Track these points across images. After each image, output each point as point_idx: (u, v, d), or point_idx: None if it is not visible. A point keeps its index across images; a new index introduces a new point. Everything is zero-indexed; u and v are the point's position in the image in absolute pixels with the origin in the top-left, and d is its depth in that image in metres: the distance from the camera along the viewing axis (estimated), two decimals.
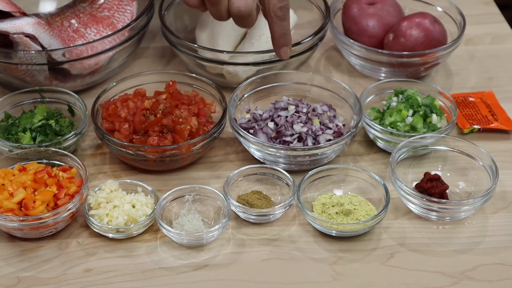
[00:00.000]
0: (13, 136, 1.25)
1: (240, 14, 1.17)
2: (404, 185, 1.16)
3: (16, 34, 1.28)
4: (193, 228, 1.14)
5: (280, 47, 1.23)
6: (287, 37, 1.22)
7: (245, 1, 1.16)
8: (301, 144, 1.24)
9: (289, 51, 1.24)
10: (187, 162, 1.25)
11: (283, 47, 1.23)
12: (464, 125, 1.33)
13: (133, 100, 1.26)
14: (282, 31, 1.21)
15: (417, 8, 1.47)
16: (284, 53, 1.24)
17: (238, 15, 1.17)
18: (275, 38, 1.22)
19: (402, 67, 1.38)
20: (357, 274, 1.11)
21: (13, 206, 1.12)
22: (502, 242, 1.15)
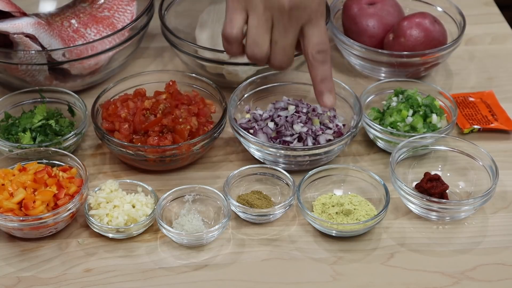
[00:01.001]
0: (13, 136, 1.25)
1: (281, 69, 1.19)
2: (404, 185, 1.16)
3: (16, 34, 1.28)
4: (193, 228, 1.14)
5: (322, 94, 1.18)
6: (328, 83, 1.17)
7: (286, 61, 1.16)
8: (301, 144, 1.24)
9: (332, 98, 1.18)
10: (187, 162, 1.25)
11: (325, 93, 1.18)
12: (464, 125, 1.33)
13: (133, 100, 1.26)
14: (323, 75, 1.17)
15: (417, 8, 1.47)
16: (327, 99, 1.17)
17: (279, 69, 1.19)
18: (315, 83, 1.18)
19: (402, 67, 1.38)
20: (357, 274, 1.11)
21: (13, 206, 1.12)
22: (502, 242, 1.15)
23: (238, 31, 1.15)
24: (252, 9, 1.14)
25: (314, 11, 1.15)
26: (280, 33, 1.15)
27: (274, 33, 1.15)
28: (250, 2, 1.14)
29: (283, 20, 1.14)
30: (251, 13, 1.14)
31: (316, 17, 1.15)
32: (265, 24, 1.14)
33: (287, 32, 1.15)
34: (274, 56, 1.17)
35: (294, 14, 1.13)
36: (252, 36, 1.15)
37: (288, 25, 1.14)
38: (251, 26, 1.15)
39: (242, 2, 1.14)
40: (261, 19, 1.14)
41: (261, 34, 1.15)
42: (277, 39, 1.15)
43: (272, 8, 1.13)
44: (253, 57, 1.17)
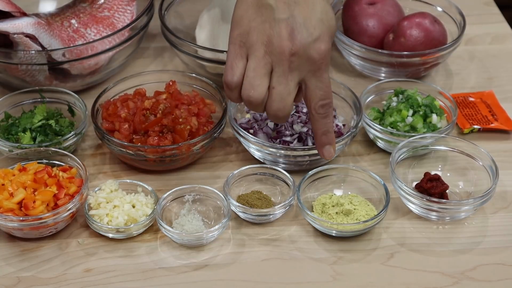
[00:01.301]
0: (13, 136, 1.25)
1: (277, 118, 1.13)
2: (404, 185, 1.16)
3: (16, 34, 1.28)
4: (193, 228, 1.14)
5: (322, 146, 1.16)
6: (329, 135, 1.16)
7: (282, 109, 1.12)
8: (301, 144, 1.24)
9: (333, 151, 1.17)
10: (187, 162, 1.25)
11: (326, 146, 1.16)
12: (464, 125, 1.33)
13: (133, 100, 1.26)
14: (324, 128, 1.15)
15: (417, 8, 1.47)
16: (328, 152, 1.17)
17: (275, 118, 1.13)
18: (317, 136, 1.16)
19: (402, 67, 1.38)
20: (357, 274, 1.11)
21: (13, 206, 1.12)
22: (502, 242, 1.15)
23: (239, 78, 1.11)
24: (252, 52, 1.10)
25: (317, 62, 1.10)
26: (279, 79, 1.10)
27: (273, 78, 1.10)
28: (252, 46, 1.10)
29: (283, 66, 1.09)
30: (250, 57, 1.10)
31: (320, 69, 1.10)
32: (263, 68, 1.10)
33: (286, 79, 1.10)
34: (271, 102, 1.11)
35: (294, 61, 1.09)
36: (249, 78, 1.10)
37: (287, 71, 1.09)
38: (249, 68, 1.10)
39: (243, 47, 1.11)
40: (260, 62, 1.09)
41: (258, 77, 1.10)
42: (275, 85, 1.10)
43: (273, 53, 1.09)
44: (248, 100, 1.11)
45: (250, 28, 1.10)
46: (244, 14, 1.11)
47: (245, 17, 1.11)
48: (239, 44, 1.11)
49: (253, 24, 1.10)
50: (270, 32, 1.09)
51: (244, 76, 1.11)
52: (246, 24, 1.10)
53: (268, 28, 1.09)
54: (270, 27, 1.09)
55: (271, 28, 1.09)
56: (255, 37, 1.10)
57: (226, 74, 1.12)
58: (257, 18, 1.10)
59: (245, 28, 1.10)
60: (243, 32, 1.10)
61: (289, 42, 1.08)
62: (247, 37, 1.10)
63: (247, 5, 1.11)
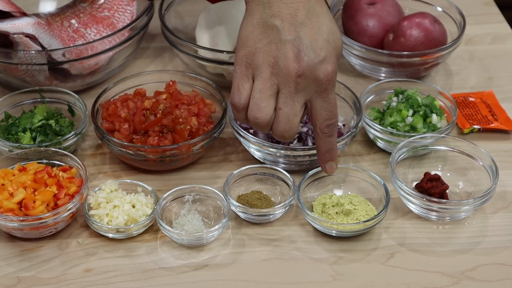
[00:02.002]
0: (13, 136, 1.25)
1: (284, 139, 1.14)
2: (404, 185, 1.16)
3: (16, 34, 1.28)
4: (193, 228, 1.14)
5: (325, 162, 1.17)
6: (333, 152, 1.16)
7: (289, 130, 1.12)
8: (301, 144, 1.24)
9: (335, 166, 1.18)
10: (187, 162, 1.25)
11: (329, 162, 1.17)
12: (464, 125, 1.33)
13: (133, 100, 1.26)
14: (328, 146, 1.16)
15: (417, 8, 1.47)
16: (330, 168, 1.18)
17: (282, 138, 1.14)
18: (320, 152, 1.17)
19: (402, 67, 1.38)
20: (357, 274, 1.11)
21: (13, 206, 1.12)
22: (502, 242, 1.15)
23: (246, 99, 1.11)
24: (258, 74, 1.09)
25: (324, 83, 1.10)
26: (285, 100, 1.10)
27: (280, 99, 1.10)
28: (258, 68, 1.09)
29: (289, 88, 1.09)
30: (256, 78, 1.10)
31: (326, 90, 1.10)
32: (269, 89, 1.09)
33: (292, 100, 1.10)
34: (277, 123, 1.11)
35: (301, 83, 1.09)
36: (255, 100, 1.10)
37: (294, 93, 1.09)
38: (255, 90, 1.10)
39: (249, 68, 1.10)
40: (266, 84, 1.09)
41: (264, 99, 1.10)
42: (282, 106, 1.10)
43: (279, 75, 1.08)
44: (254, 121, 1.11)
45: (256, 49, 1.10)
46: (249, 35, 1.10)
47: (250, 38, 1.10)
48: (245, 65, 1.10)
49: (259, 45, 1.09)
50: (276, 53, 1.09)
51: (251, 97, 1.11)
52: (252, 45, 1.10)
53: (274, 49, 1.09)
54: (276, 48, 1.09)
55: (277, 50, 1.09)
56: (261, 58, 1.09)
57: (233, 96, 1.12)
58: (263, 39, 1.09)
59: (250, 49, 1.10)
60: (249, 53, 1.10)
61: (295, 63, 1.08)
62: (253, 58, 1.10)
63: (252, 26, 1.10)
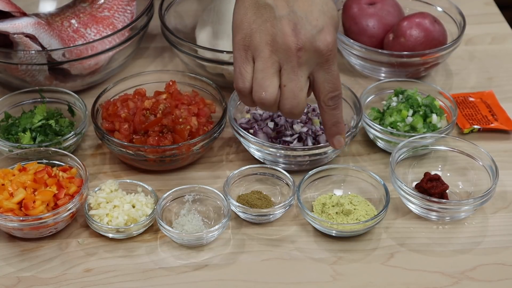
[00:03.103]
0: (13, 136, 1.25)
1: (292, 115, 1.12)
2: (404, 185, 1.16)
3: (16, 34, 1.28)
4: (193, 228, 1.14)
5: (332, 136, 1.15)
6: (339, 126, 1.15)
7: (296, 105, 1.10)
8: (301, 144, 1.24)
9: (343, 140, 1.16)
10: (187, 162, 1.25)
11: (336, 136, 1.15)
12: (464, 125, 1.33)
13: (133, 100, 1.26)
14: (334, 120, 1.14)
15: (417, 8, 1.47)
16: (338, 142, 1.16)
17: (290, 115, 1.12)
18: (326, 127, 1.15)
19: (402, 67, 1.38)
20: (357, 274, 1.11)
21: (13, 206, 1.12)
22: (502, 242, 1.15)
23: (250, 82, 1.10)
24: (258, 54, 1.08)
25: (325, 53, 1.08)
26: (289, 76, 1.08)
27: (283, 76, 1.08)
28: (257, 49, 1.08)
29: (291, 62, 1.07)
30: (257, 59, 1.08)
31: (328, 61, 1.09)
32: (271, 67, 1.08)
33: (296, 75, 1.08)
34: (284, 100, 1.10)
35: (302, 56, 1.07)
36: (258, 80, 1.09)
37: (296, 67, 1.08)
38: (257, 70, 1.08)
39: (248, 50, 1.09)
40: (267, 62, 1.08)
41: (267, 78, 1.08)
42: (286, 82, 1.08)
43: (278, 51, 1.07)
44: (260, 102, 1.10)
45: (252, 30, 1.09)
46: (243, 17, 1.10)
47: (245, 21, 1.09)
48: (244, 49, 1.09)
49: (254, 26, 1.09)
50: (273, 31, 1.08)
51: (253, 79, 1.10)
52: (247, 27, 1.09)
53: (270, 27, 1.08)
54: (272, 26, 1.08)
55: (273, 27, 1.08)
56: (258, 38, 1.08)
57: (237, 81, 1.11)
58: (257, 20, 1.09)
59: (246, 31, 1.09)
60: (245, 36, 1.09)
61: (293, 37, 1.07)
62: (250, 39, 1.09)
63: (245, 9, 1.10)
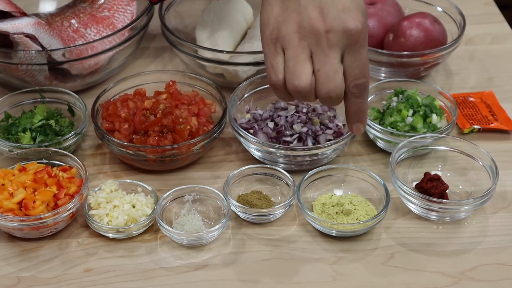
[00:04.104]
0: (13, 136, 1.25)
1: (331, 100, 1.09)
2: (404, 185, 1.16)
3: (16, 34, 1.28)
4: (193, 228, 1.14)
5: (353, 123, 1.13)
6: (361, 114, 1.12)
7: (333, 89, 1.07)
8: (301, 144, 1.24)
9: (362, 128, 1.14)
10: (187, 162, 1.25)
11: (356, 123, 1.13)
12: (464, 125, 1.33)
13: (133, 100, 1.26)
14: (357, 107, 1.11)
15: (417, 8, 1.47)
16: (357, 129, 1.14)
17: (329, 100, 1.09)
18: (349, 113, 1.12)
19: (402, 67, 1.38)
20: (357, 274, 1.11)
21: (13, 206, 1.12)
22: (502, 242, 1.15)
23: (283, 74, 1.08)
24: (287, 44, 1.06)
25: (354, 34, 1.05)
26: (321, 60, 1.05)
27: (315, 61, 1.06)
28: (285, 39, 1.06)
29: (322, 45, 1.05)
30: (286, 48, 1.06)
31: (357, 43, 1.05)
32: (302, 54, 1.05)
33: (328, 58, 1.05)
34: (320, 85, 1.06)
35: (331, 38, 1.04)
36: (290, 68, 1.06)
37: (328, 50, 1.05)
38: (288, 59, 1.06)
39: (276, 42, 1.07)
40: (297, 49, 1.05)
41: (299, 65, 1.06)
42: (319, 66, 1.05)
43: (307, 36, 1.05)
44: (295, 91, 1.07)
45: (278, 23, 1.07)
46: (269, 14, 1.08)
47: (271, 16, 1.08)
48: (272, 42, 1.08)
49: (280, 18, 1.07)
50: (299, 19, 1.06)
51: (285, 68, 1.08)
52: (274, 22, 1.08)
53: (296, 15, 1.06)
54: (298, 14, 1.06)
55: (300, 15, 1.05)
56: (285, 29, 1.06)
57: (270, 76, 1.09)
58: (283, 13, 1.07)
59: (273, 26, 1.08)
60: (273, 30, 1.08)
61: (321, 20, 1.04)
62: (278, 32, 1.07)
63: (270, 5, 1.09)
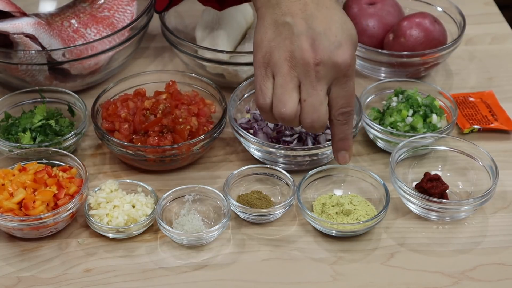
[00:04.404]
0: (13, 136, 1.25)
1: (314, 129, 1.13)
2: (404, 185, 1.16)
3: (16, 34, 1.28)
4: (193, 228, 1.14)
5: (338, 151, 1.17)
6: (346, 142, 1.16)
7: (317, 119, 1.11)
8: (301, 144, 1.24)
9: (347, 157, 1.17)
10: (187, 162, 1.25)
11: (341, 151, 1.17)
12: (464, 125, 1.33)
13: (133, 100, 1.26)
14: (342, 135, 1.15)
15: (417, 8, 1.47)
16: (342, 158, 1.17)
17: (312, 129, 1.13)
18: (333, 140, 1.16)
19: (402, 67, 1.38)
20: (357, 274, 1.11)
21: (13, 206, 1.12)
22: (502, 242, 1.15)
23: (270, 98, 1.11)
24: (277, 70, 1.09)
25: (343, 68, 1.09)
26: (308, 91, 1.09)
27: (302, 91, 1.10)
28: (276, 65, 1.09)
29: (310, 77, 1.09)
30: (276, 75, 1.10)
31: (345, 76, 1.10)
32: (290, 83, 1.09)
33: (315, 90, 1.09)
34: (304, 115, 1.10)
35: (320, 70, 1.08)
36: (278, 95, 1.10)
37: (315, 82, 1.09)
38: (277, 86, 1.10)
39: (267, 67, 1.11)
40: (286, 78, 1.09)
41: (287, 93, 1.09)
42: (306, 97, 1.09)
43: (297, 66, 1.08)
44: (280, 117, 1.11)
45: (271, 48, 1.10)
46: (263, 36, 1.11)
47: (264, 39, 1.11)
48: (264, 66, 1.11)
49: (273, 43, 1.10)
50: (291, 47, 1.09)
51: (273, 94, 1.11)
52: (267, 45, 1.10)
53: (289, 43, 1.09)
54: (290, 43, 1.09)
55: (292, 43, 1.09)
56: (277, 55, 1.09)
57: (258, 98, 1.12)
58: (276, 38, 1.10)
59: (266, 49, 1.10)
60: (265, 54, 1.11)
61: (312, 52, 1.08)
62: (270, 57, 1.10)
63: (265, 28, 1.11)
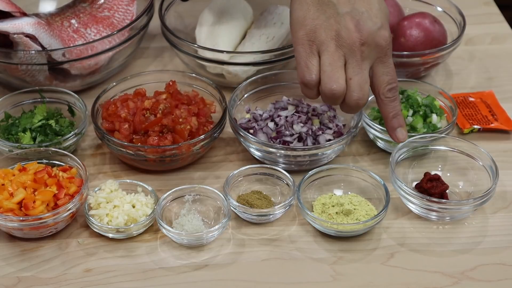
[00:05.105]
0: (13, 136, 1.25)
1: (358, 106, 1.15)
2: (404, 185, 1.16)
3: (16, 34, 1.28)
4: (193, 228, 1.14)
5: (394, 129, 1.19)
6: (400, 118, 1.18)
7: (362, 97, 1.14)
8: (301, 144, 1.24)
9: (405, 132, 1.19)
10: (187, 162, 1.25)
11: (398, 128, 1.19)
12: (464, 125, 1.33)
13: (133, 100, 1.26)
14: (394, 112, 1.18)
15: (417, 8, 1.47)
16: (401, 134, 1.19)
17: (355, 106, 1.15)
18: (387, 120, 1.19)
19: (402, 67, 1.38)
20: (357, 274, 1.11)
21: (13, 206, 1.12)
22: (502, 242, 1.15)
23: (317, 75, 1.14)
24: (324, 48, 1.13)
25: (384, 48, 1.14)
26: (354, 69, 1.13)
27: (348, 70, 1.13)
28: (322, 43, 1.13)
29: (356, 57, 1.13)
30: (323, 53, 1.13)
31: (386, 55, 1.15)
32: (338, 61, 1.13)
33: (360, 68, 1.13)
34: (351, 92, 1.14)
35: (365, 50, 1.13)
36: (327, 73, 1.13)
37: (360, 61, 1.13)
38: (325, 64, 1.13)
39: (313, 45, 1.14)
40: (334, 56, 1.13)
41: (336, 71, 1.13)
42: (352, 75, 1.13)
43: (343, 46, 1.13)
44: (330, 93, 1.13)
45: (316, 26, 1.14)
46: (306, 14, 1.14)
47: (308, 17, 1.14)
48: (309, 43, 1.14)
49: (317, 22, 1.13)
50: (337, 27, 1.13)
51: (321, 72, 1.14)
52: (311, 23, 1.14)
53: (334, 23, 1.13)
54: (336, 22, 1.13)
55: (337, 23, 1.13)
56: (324, 33, 1.13)
57: (304, 75, 1.14)
58: (320, 16, 1.14)
59: (310, 27, 1.14)
60: (310, 31, 1.14)
61: (357, 33, 1.12)
62: (315, 35, 1.13)
63: (307, 5, 1.15)
